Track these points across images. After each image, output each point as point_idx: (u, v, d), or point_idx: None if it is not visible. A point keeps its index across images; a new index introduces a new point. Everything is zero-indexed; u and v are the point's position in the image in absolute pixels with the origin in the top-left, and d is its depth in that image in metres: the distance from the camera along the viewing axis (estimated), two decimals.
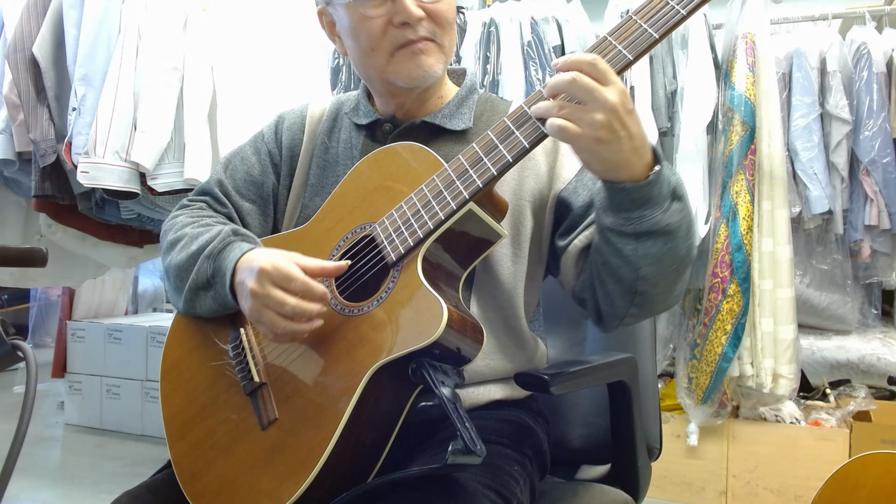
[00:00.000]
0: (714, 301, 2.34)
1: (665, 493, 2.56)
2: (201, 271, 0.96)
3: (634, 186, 0.80)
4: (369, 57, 0.99)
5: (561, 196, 1.00)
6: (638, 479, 1.08)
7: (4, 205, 2.35)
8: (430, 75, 0.98)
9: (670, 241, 0.84)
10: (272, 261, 0.86)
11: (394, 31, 0.96)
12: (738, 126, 2.34)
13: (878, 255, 2.73)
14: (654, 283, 0.87)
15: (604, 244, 0.87)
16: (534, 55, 2.60)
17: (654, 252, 0.84)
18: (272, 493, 0.82)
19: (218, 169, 1.13)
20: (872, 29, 2.70)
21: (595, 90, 0.75)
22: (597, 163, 0.80)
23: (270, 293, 0.84)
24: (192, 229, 1.02)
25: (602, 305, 0.93)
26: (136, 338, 3.33)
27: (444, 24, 0.98)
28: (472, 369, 0.96)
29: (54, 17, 1.99)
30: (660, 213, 0.82)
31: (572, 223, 0.97)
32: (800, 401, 2.61)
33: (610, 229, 0.85)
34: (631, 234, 0.83)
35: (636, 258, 0.84)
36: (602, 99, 0.75)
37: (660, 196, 0.81)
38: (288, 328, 0.84)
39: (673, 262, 0.85)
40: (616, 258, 0.86)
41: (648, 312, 0.92)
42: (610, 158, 0.78)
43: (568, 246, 0.96)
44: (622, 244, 0.84)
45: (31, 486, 2.68)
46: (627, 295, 0.88)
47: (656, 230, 0.82)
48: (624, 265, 0.86)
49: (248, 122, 1.89)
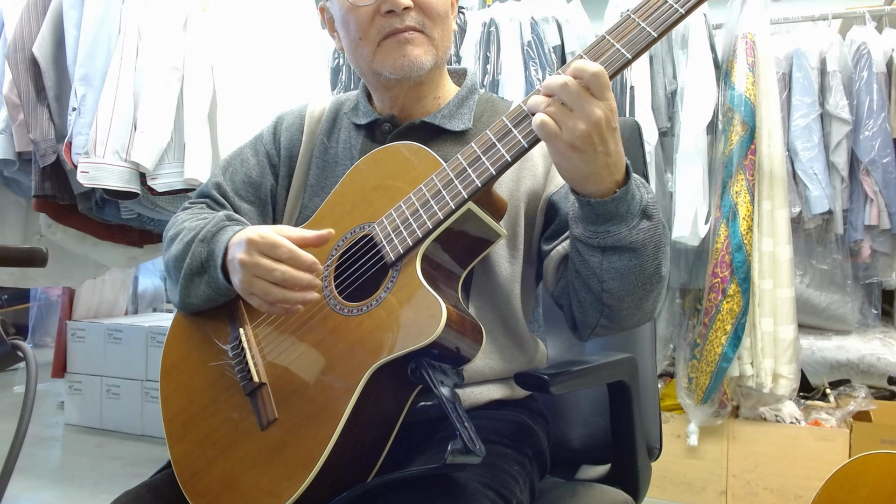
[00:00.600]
0: (714, 301, 2.34)
1: (665, 493, 2.56)
2: (195, 255, 0.96)
3: (599, 202, 0.81)
4: (358, 47, 1.00)
5: (552, 199, 1.00)
6: (638, 479, 1.08)
7: (4, 205, 2.35)
8: (417, 66, 0.98)
9: (635, 259, 0.85)
10: (259, 231, 0.87)
11: (380, 20, 0.96)
12: (738, 126, 2.34)
13: (878, 255, 2.74)
14: (619, 298, 0.88)
15: (574, 253, 0.89)
16: (534, 55, 2.60)
17: (618, 267, 0.85)
18: (272, 492, 0.82)
19: (217, 171, 1.13)
20: (872, 29, 2.70)
21: (584, 100, 0.75)
22: (568, 168, 0.80)
23: (259, 261, 0.85)
24: (189, 223, 1.03)
25: (576, 314, 0.94)
26: (136, 338, 3.33)
27: (434, 15, 0.98)
28: (471, 369, 0.96)
29: (54, 17, 1.99)
30: (626, 229, 0.83)
31: (558, 228, 0.98)
32: (800, 401, 2.61)
33: (578, 240, 0.87)
34: (597, 247, 0.85)
35: (601, 271, 0.86)
36: (588, 111, 0.75)
37: (627, 213, 0.82)
38: (280, 295, 0.84)
39: (638, 279, 0.86)
40: (584, 268, 0.88)
41: (618, 326, 0.93)
42: (580, 168, 0.79)
43: (551, 251, 0.98)
44: (589, 256, 0.86)
45: (31, 486, 2.68)
46: (597, 305, 0.90)
47: (621, 246, 0.84)
48: (591, 276, 0.87)
49: (248, 122, 1.89)
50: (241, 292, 0.90)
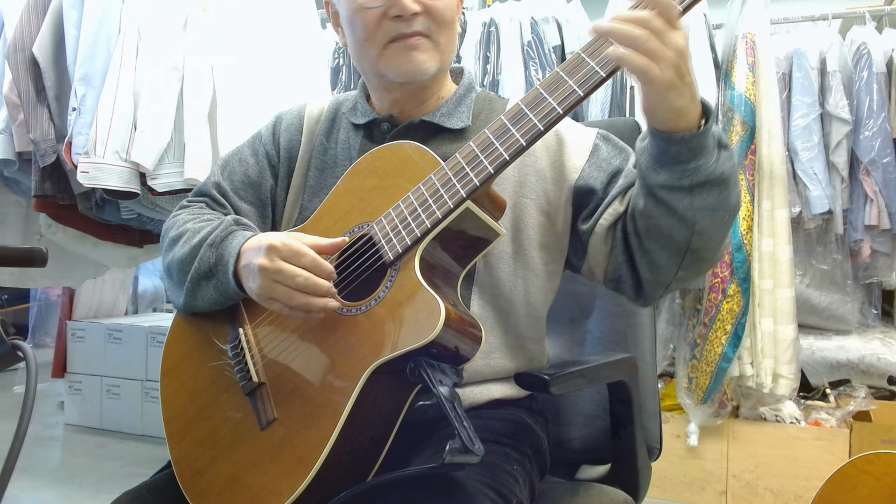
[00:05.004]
0: (714, 301, 2.34)
1: (665, 493, 2.56)
2: (203, 260, 0.96)
3: (692, 135, 0.80)
4: (363, 48, 1.00)
5: (578, 185, 0.99)
6: (638, 479, 1.08)
7: (4, 205, 2.35)
8: (422, 71, 0.98)
9: (724, 191, 0.84)
10: (280, 238, 0.87)
11: (388, 24, 0.96)
12: (738, 126, 2.34)
13: (878, 255, 2.74)
14: (708, 237, 0.87)
15: (653, 206, 0.86)
16: (534, 55, 2.60)
17: (709, 203, 0.84)
18: (272, 492, 0.82)
19: (215, 171, 1.13)
20: (872, 29, 2.71)
21: (668, 32, 0.75)
22: (663, 109, 0.79)
23: (282, 267, 0.84)
24: (193, 224, 1.02)
25: (645, 276, 0.93)
26: (136, 338, 3.33)
27: (441, 21, 0.98)
28: (471, 368, 0.96)
29: (54, 17, 2.00)
30: (712, 162, 0.82)
31: (596, 205, 0.97)
32: (800, 401, 2.61)
33: (663, 186, 0.84)
34: (686, 188, 0.83)
35: (692, 212, 0.84)
36: (674, 41, 0.75)
37: (712, 145, 0.82)
38: (303, 300, 0.84)
39: (726, 211, 0.86)
40: (668, 218, 0.86)
41: (695, 272, 0.92)
42: (675, 104, 0.78)
43: (594, 227, 0.96)
44: (676, 201, 0.84)
45: (31, 486, 2.68)
46: (677, 258, 0.89)
47: (711, 180, 0.83)
48: (677, 223, 0.86)
49: (248, 122, 1.89)
50: (257, 297, 0.89)
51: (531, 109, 0.83)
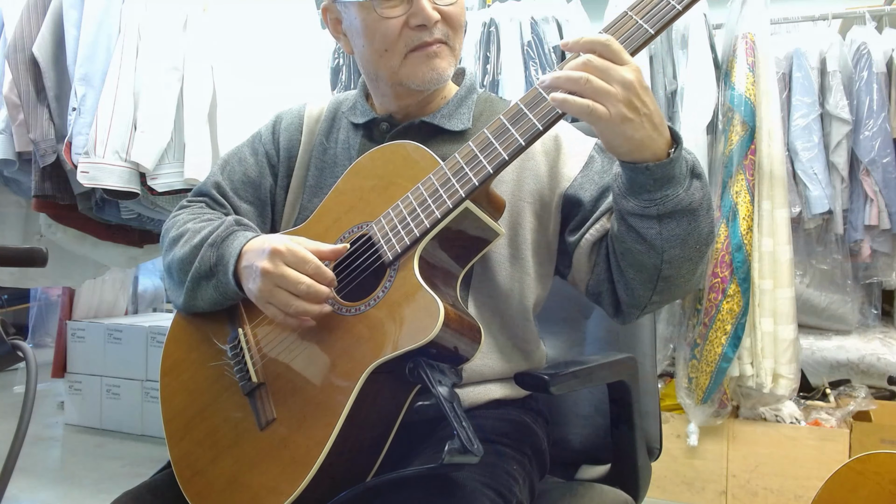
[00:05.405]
0: (714, 301, 2.34)
1: (665, 493, 2.56)
2: (204, 260, 0.96)
3: (657, 165, 0.80)
4: (382, 58, 0.98)
5: (568, 194, 0.99)
6: (638, 479, 1.08)
7: (4, 205, 2.35)
8: (443, 78, 0.99)
9: (693, 221, 0.84)
10: (284, 243, 0.87)
11: (409, 33, 0.96)
12: (738, 126, 2.34)
13: (878, 255, 2.74)
14: (678, 266, 0.87)
15: (625, 231, 0.87)
16: (534, 55, 2.60)
17: (678, 233, 0.84)
18: (272, 491, 0.82)
19: (215, 170, 1.13)
20: (872, 29, 2.70)
21: (611, 69, 0.75)
22: (622, 142, 0.79)
23: (285, 273, 0.84)
24: (194, 224, 1.02)
25: (622, 296, 0.93)
26: (136, 338, 3.33)
27: (457, 26, 0.99)
28: (470, 368, 0.96)
29: (54, 17, 1.99)
30: (682, 191, 0.82)
31: (583, 218, 0.97)
32: (800, 401, 2.61)
33: (632, 214, 0.84)
34: (654, 217, 0.83)
35: (660, 241, 0.84)
36: (619, 77, 0.75)
37: (681, 174, 0.82)
38: (301, 307, 0.84)
39: (697, 242, 0.86)
40: (639, 244, 0.86)
41: (670, 298, 0.92)
42: (634, 136, 0.78)
43: (580, 241, 0.96)
44: (645, 228, 0.84)
45: (31, 486, 2.68)
46: (650, 283, 0.88)
47: (679, 209, 0.82)
48: (647, 251, 0.86)
49: (248, 122, 1.88)
50: (255, 299, 0.89)
51: (530, 109, 0.83)
